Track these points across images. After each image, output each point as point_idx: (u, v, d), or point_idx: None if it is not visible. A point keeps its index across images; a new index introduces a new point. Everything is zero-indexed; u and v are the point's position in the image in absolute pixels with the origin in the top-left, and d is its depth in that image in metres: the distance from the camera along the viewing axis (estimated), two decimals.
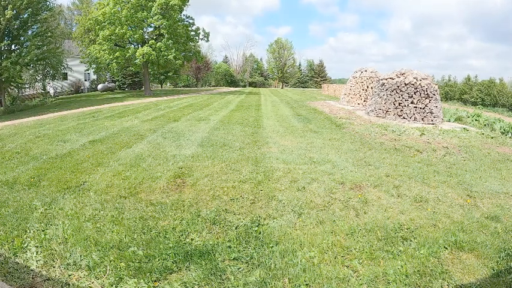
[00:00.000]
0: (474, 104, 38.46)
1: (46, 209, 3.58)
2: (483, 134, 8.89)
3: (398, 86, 11.33)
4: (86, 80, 34.51)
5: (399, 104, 11.29)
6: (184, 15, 27.14)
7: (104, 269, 2.52)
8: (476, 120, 12.04)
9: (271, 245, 2.89)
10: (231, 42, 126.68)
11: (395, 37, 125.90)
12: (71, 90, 31.64)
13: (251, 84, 60.32)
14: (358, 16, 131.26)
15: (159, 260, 2.64)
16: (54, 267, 2.56)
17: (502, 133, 9.38)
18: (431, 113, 10.88)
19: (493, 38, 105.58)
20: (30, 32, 19.56)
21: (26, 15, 18.79)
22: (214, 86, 54.53)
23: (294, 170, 5.01)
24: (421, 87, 10.96)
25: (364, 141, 7.48)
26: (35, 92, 26.89)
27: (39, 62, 20.37)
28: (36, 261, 2.62)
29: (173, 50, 24.08)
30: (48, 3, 20.48)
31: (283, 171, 4.94)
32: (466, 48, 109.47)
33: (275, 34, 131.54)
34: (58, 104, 20.84)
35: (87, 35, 25.71)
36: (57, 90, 29.86)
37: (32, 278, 2.43)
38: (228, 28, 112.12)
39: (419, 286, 2.40)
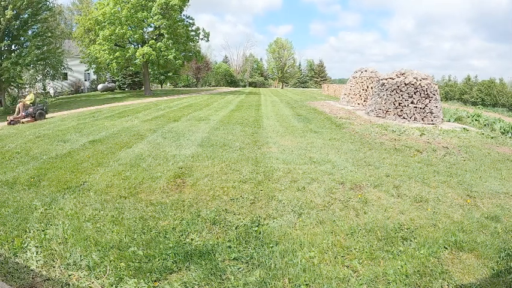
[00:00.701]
0: (474, 104, 38.49)
1: (46, 209, 3.58)
2: (483, 134, 8.89)
3: (398, 86, 11.33)
4: (86, 80, 34.51)
5: (399, 104, 11.29)
6: (184, 15, 27.18)
7: (104, 269, 2.52)
8: (476, 120, 12.05)
9: (271, 245, 2.89)
10: (231, 42, 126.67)
11: (397, 36, 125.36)
12: (71, 90, 31.64)
13: (251, 84, 60.33)
14: (359, 15, 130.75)
15: (159, 260, 2.63)
16: (54, 267, 2.56)
17: (502, 133, 9.38)
18: (431, 113, 10.88)
19: (497, 38, 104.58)
20: (30, 32, 19.56)
21: (26, 15, 18.79)
22: (214, 86, 54.52)
23: (294, 170, 5.01)
24: (421, 87, 10.96)
25: (364, 141, 7.48)
26: (35, 92, 26.88)
27: (39, 62, 20.37)
28: (36, 261, 2.62)
29: (173, 50, 24.09)
30: (48, 3, 20.48)
31: (283, 171, 4.94)
32: (468, 48, 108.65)
33: (276, 33, 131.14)
34: (58, 104, 20.84)
35: (87, 35, 25.70)
36: (57, 90, 29.86)
37: (32, 278, 2.43)
38: (228, 27, 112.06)
39: (419, 286, 2.40)
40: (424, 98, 10.93)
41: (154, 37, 25.31)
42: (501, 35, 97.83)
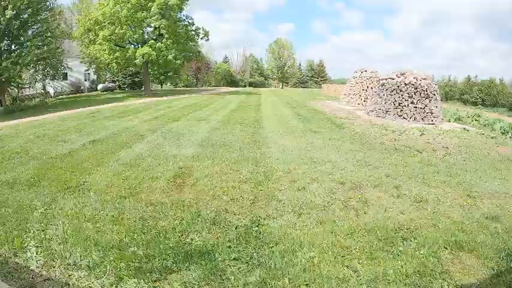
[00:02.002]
0: (474, 104, 38.45)
1: (46, 209, 3.57)
2: (483, 134, 8.90)
3: (398, 86, 11.33)
4: (86, 80, 34.46)
5: (399, 104, 11.29)
6: (183, 14, 27.17)
7: (104, 269, 2.52)
8: (476, 120, 12.05)
9: (271, 245, 2.89)
10: (231, 42, 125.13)
11: (401, 36, 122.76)
12: (71, 90, 31.59)
13: (251, 84, 60.27)
14: (362, 13, 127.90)
15: (159, 260, 2.63)
16: (54, 267, 2.56)
17: (502, 133, 9.38)
18: (432, 113, 10.87)
19: (503, 37, 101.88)
20: (30, 32, 19.55)
21: (26, 15, 18.77)
22: (214, 86, 54.45)
23: (294, 170, 5.01)
24: (421, 87, 10.96)
25: (364, 141, 7.48)
26: (35, 92, 26.87)
27: (39, 62, 20.36)
28: (36, 261, 2.62)
29: (173, 50, 24.07)
30: (48, 3, 20.48)
31: (283, 171, 4.94)
32: (473, 47, 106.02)
33: (277, 32, 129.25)
34: (58, 104, 20.83)
35: (87, 35, 25.70)
36: (57, 90, 29.82)
37: (32, 278, 2.43)
38: (228, 25, 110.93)
39: (419, 286, 2.40)
40: (424, 98, 10.93)
41: (154, 37, 25.30)
42: (508, 34, 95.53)
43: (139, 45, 24.80)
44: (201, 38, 28.46)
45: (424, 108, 10.90)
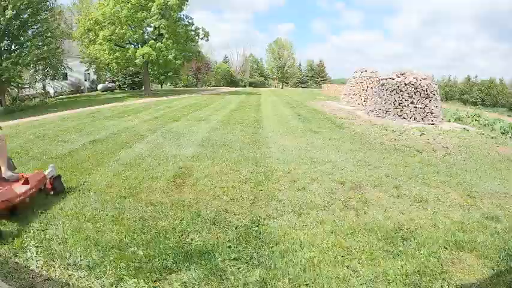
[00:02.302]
0: (474, 104, 38.50)
1: (46, 209, 3.57)
2: (483, 134, 8.90)
3: (398, 86, 11.33)
4: (86, 80, 34.48)
5: (399, 104, 11.29)
6: (183, 14, 27.19)
7: (104, 269, 2.52)
8: (476, 120, 12.06)
9: (271, 245, 2.88)
10: (231, 42, 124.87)
11: (401, 36, 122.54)
12: (71, 90, 31.61)
13: (251, 85, 60.27)
14: (362, 13, 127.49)
15: (159, 260, 2.63)
16: (54, 267, 2.56)
17: (502, 133, 9.38)
18: (432, 113, 10.88)
19: (503, 37, 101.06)
20: (30, 32, 19.57)
21: (26, 15, 18.78)
22: (214, 86, 54.46)
23: (294, 170, 5.01)
24: (421, 87, 10.96)
25: (364, 141, 7.48)
26: (35, 92, 26.87)
27: (39, 62, 20.38)
28: (36, 261, 2.62)
29: (173, 50, 24.09)
30: (48, 3, 20.50)
31: (283, 171, 4.94)
32: (473, 47, 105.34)
33: (277, 31, 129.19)
34: (58, 104, 20.83)
35: (87, 35, 25.71)
36: (57, 90, 29.83)
37: (32, 278, 2.43)
38: (228, 25, 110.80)
39: (419, 286, 2.40)
40: (424, 98, 10.93)
41: (154, 37, 25.30)
42: (508, 34, 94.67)
43: (140, 45, 24.82)
44: (201, 39, 28.51)
45: (424, 108, 10.90)
